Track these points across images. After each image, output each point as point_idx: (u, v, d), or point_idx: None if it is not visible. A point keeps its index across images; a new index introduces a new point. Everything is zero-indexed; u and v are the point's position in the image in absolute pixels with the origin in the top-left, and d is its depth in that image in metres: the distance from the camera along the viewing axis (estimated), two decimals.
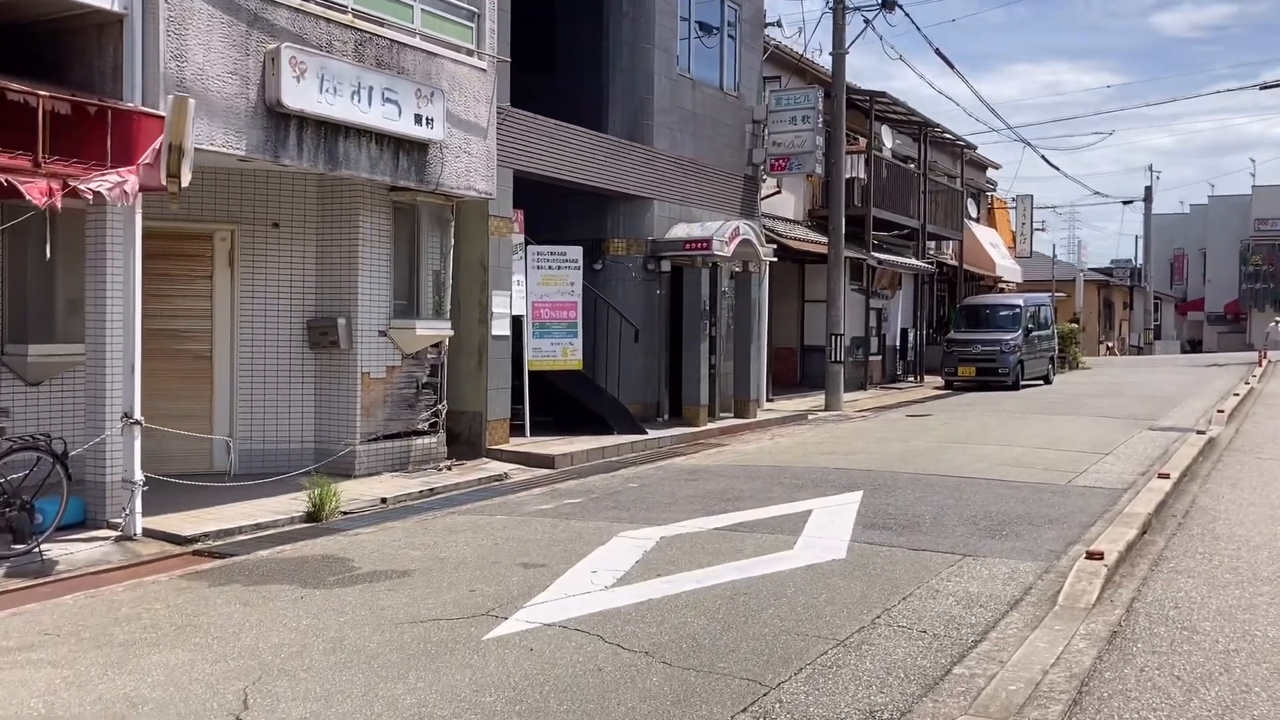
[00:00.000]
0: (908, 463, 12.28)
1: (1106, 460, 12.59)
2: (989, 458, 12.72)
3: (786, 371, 25.03)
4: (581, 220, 15.66)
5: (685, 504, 9.70)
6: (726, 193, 17.81)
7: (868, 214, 24.45)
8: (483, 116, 11.50)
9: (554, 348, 13.67)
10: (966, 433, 15.56)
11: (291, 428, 10.91)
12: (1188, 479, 11.24)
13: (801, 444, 14.60)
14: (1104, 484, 10.83)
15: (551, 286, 13.68)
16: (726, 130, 17.78)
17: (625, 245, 15.62)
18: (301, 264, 10.95)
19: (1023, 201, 39.37)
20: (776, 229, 21.43)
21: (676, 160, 16.31)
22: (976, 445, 14.01)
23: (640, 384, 15.77)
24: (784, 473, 11.63)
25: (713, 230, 15.77)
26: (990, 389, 24.53)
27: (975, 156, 36.86)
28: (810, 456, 13.02)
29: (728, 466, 12.28)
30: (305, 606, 6.32)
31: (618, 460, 12.92)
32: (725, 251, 15.61)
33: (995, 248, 36.47)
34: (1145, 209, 51.98)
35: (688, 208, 16.59)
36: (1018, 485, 10.72)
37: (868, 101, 24.80)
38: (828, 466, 12.02)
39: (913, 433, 15.70)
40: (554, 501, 9.99)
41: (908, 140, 28.87)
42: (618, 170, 15.08)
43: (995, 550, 7.80)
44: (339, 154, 9.75)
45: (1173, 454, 12.97)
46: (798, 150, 18.35)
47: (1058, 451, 13.40)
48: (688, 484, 10.95)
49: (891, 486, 10.60)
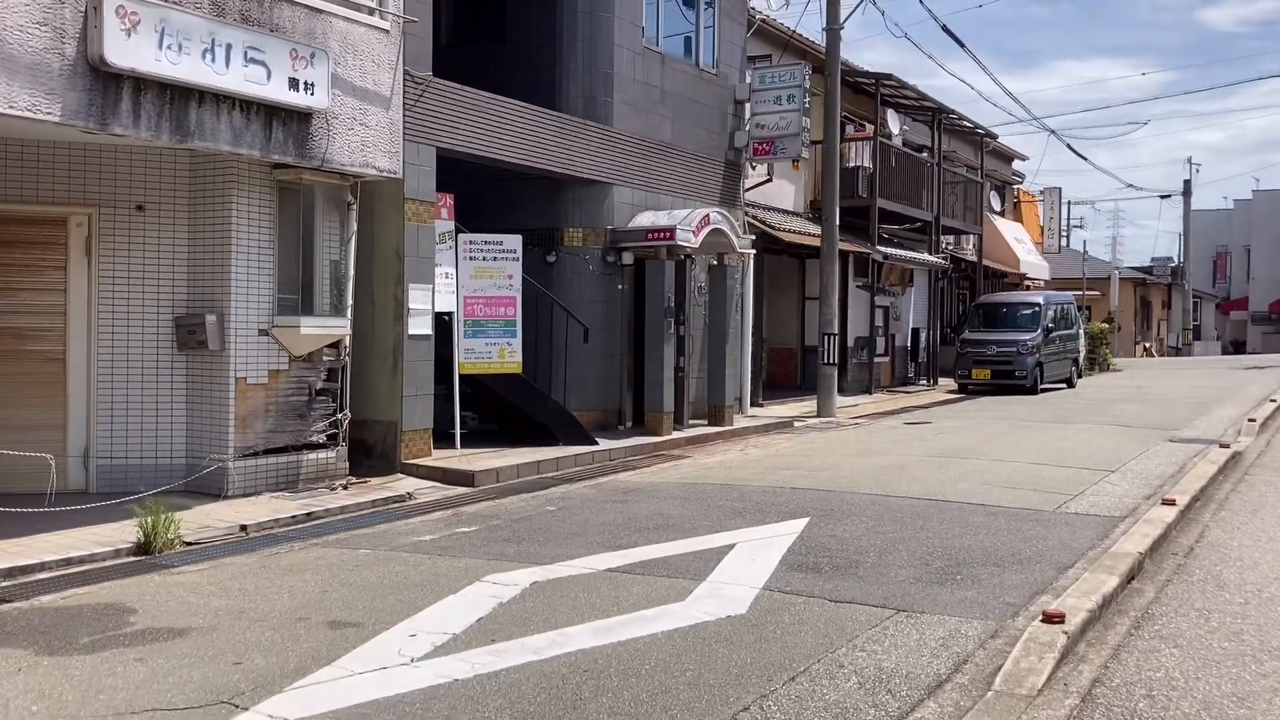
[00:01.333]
0: (879, 481, 10.72)
1: (1110, 479, 10.95)
2: (975, 475, 11.12)
3: (785, 374, 23.45)
4: (534, 207, 14.21)
5: (594, 535, 8.21)
6: (703, 179, 16.28)
7: (873, 204, 22.83)
8: (385, 84, 10.07)
9: (489, 349, 12.22)
10: (961, 445, 13.94)
11: (160, 440, 9.53)
12: (1200, 504, 9.60)
13: (772, 456, 13.06)
14: (1099, 510, 9.22)
15: (486, 280, 12.23)
16: (704, 111, 16.26)
17: (582, 235, 14.14)
18: (171, 253, 9.56)
19: (1051, 194, 37.46)
20: (769, 220, 19.88)
21: (642, 142, 14.81)
22: (966, 460, 12.40)
23: (598, 389, 14.29)
24: (730, 493, 10.11)
25: (679, 218, 14.26)
26: (1006, 393, 22.82)
27: (999, 147, 35.02)
28: (771, 472, 11.48)
29: (673, 485, 10.78)
30: (10, 686, 4.90)
31: (554, 476, 11.45)
32: (692, 241, 14.09)
33: (1020, 243, 34.61)
34: (1184, 204, 49.77)
35: (656, 194, 15.08)
36: (996, 511, 9.13)
37: (873, 84, 23.17)
38: (783, 486, 10.48)
39: (901, 444, 14.09)
40: (443, 531, 8.54)
41: (922, 129, 27.17)
42: (571, 152, 13.60)
43: (938, 603, 6.25)
44: (190, 123, 8.35)
45: (1189, 471, 11.32)
46: (782, 133, 16.77)
47: (1057, 468, 11.77)
48: (614, 507, 9.47)
49: (846, 512, 9.05)
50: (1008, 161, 36.72)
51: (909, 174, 25.02)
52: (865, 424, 17.28)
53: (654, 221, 14.24)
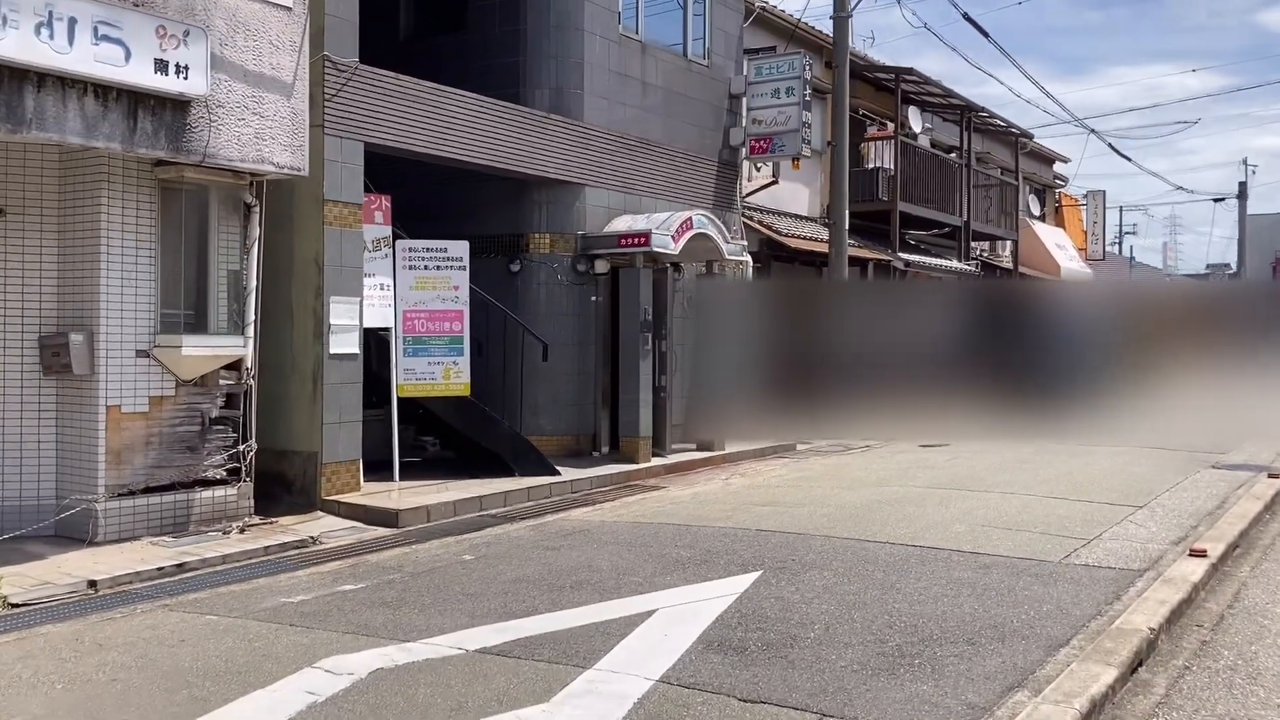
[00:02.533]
0: (861, 521, 9.26)
1: (1135, 518, 9.40)
2: (975, 513, 9.62)
3: None
4: (497, 211, 12.94)
5: (494, 597, 6.86)
6: (694, 180, 14.91)
7: (894, 208, 21.32)
8: (285, 69, 8.82)
9: (433, 368, 10.94)
10: (972, 473, 12.41)
11: (25, 476, 8.34)
12: (1239, 553, 8.06)
13: (755, 488, 11.64)
14: (1114, 560, 7.71)
15: (429, 291, 10.96)
16: (694, 106, 14.89)
17: (550, 241, 12.82)
18: (38, 262, 8.38)
19: (1094, 198, 35.56)
20: (777, 226, 18.48)
21: (619, 139, 13.47)
22: (973, 493, 10.89)
23: (570, 411, 12.96)
24: (684, 536, 8.72)
25: (657, 222, 12.90)
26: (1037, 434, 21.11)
27: (1037, 148, 33.26)
28: (744, 509, 10.06)
29: (625, 525, 9.41)
30: None
31: (496, 515, 10.12)
32: (671, 248, 12.72)
33: (1062, 249, 32.78)
34: (1239, 207, 47.48)
35: (636, 197, 13.74)
36: (989, 563, 7.66)
37: (893, 80, 21.67)
38: (749, 527, 9.05)
39: (905, 472, 12.59)
40: (322, 589, 7.23)
41: (952, 129, 25.58)
42: (536, 149, 12.30)
43: (879, 703, 4.83)
44: (25, 110, 7.15)
45: (1230, 508, 9.74)
46: (780, 129, 15.36)
47: (1075, 502, 10.23)
48: (540, 557, 8.11)
49: (808, 563, 7.62)
50: (1048, 164, 34.92)
51: (936, 176, 23.47)
52: (876, 447, 15.76)
53: (630, 226, 12.90)
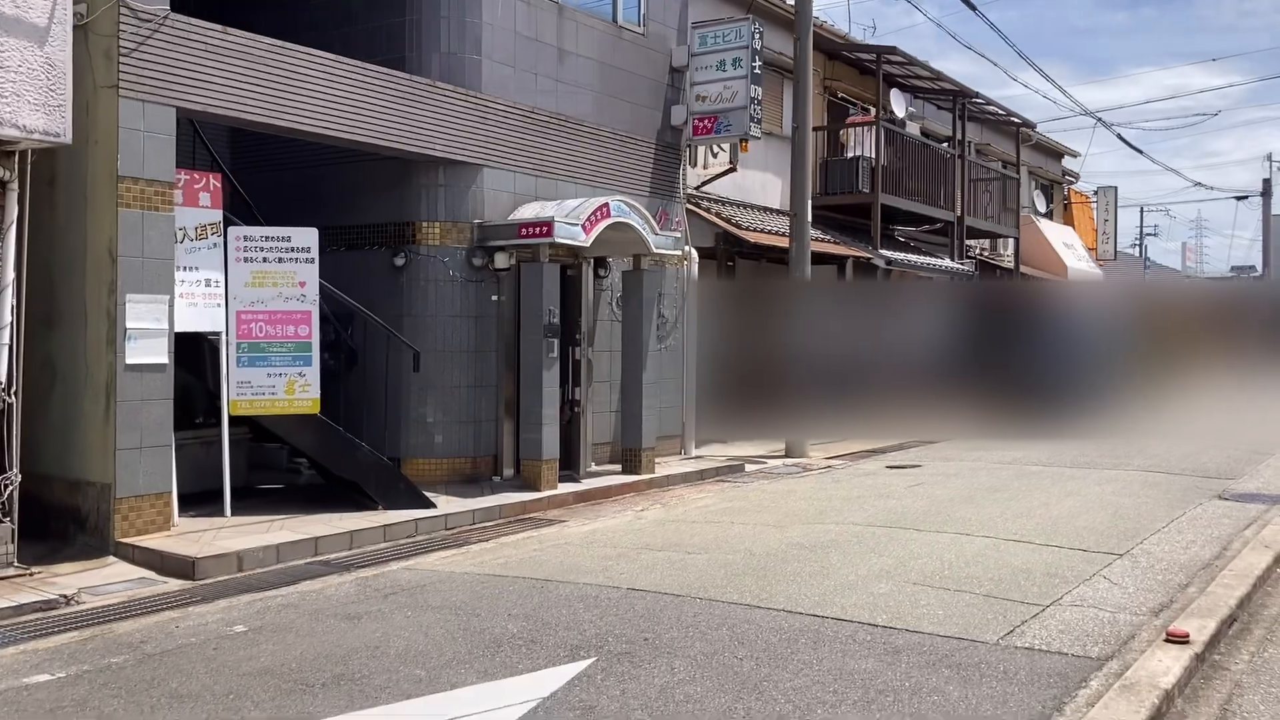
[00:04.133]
0: (763, 577, 7.41)
1: (1112, 571, 7.51)
2: (913, 565, 7.75)
3: None
4: (381, 197, 11.17)
5: (210, 702, 5.08)
6: (627, 165, 13.08)
7: (875, 201, 19.41)
8: (37, 10, 7.06)
9: (273, 381, 9.15)
10: (930, 505, 10.53)
11: None
12: (1237, 631, 6.18)
13: (667, 523, 9.80)
14: (1067, 642, 5.83)
15: (269, 288, 9.17)
16: (627, 80, 13.07)
17: (441, 231, 11.02)
18: None
19: (1105, 194, 33.48)
20: (739, 218, 16.61)
21: (529, 115, 11.66)
22: (920, 532, 9.02)
23: (465, 430, 11.14)
24: (530, 599, 6.89)
25: (568, 209, 11.09)
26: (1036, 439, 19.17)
27: (1046, 141, 31.26)
28: (630, 556, 8.22)
29: (472, 580, 7.59)
30: None
31: (333, 561, 8.32)
32: (580, 238, 10.89)
33: (1070, 249, 30.74)
34: (1264, 205, 45.21)
35: (552, 181, 11.93)
36: (902, 644, 5.80)
37: (874, 60, 19.76)
38: (618, 585, 7.21)
39: (851, 503, 10.71)
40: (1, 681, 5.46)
41: (948, 117, 23.62)
42: (421, 123, 10.51)
43: None
44: None
45: (1231, 558, 7.84)
46: (727, 105, 13.49)
47: (1042, 547, 8.35)
48: (329, 629, 6.32)
49: (659, 646, 5.78)
50: (1056, 158, 32.87)
51: (926, 167, 21.53)
52: (837, 467, 13.91)
53: (536, 214, 11.08)
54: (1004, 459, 14.19)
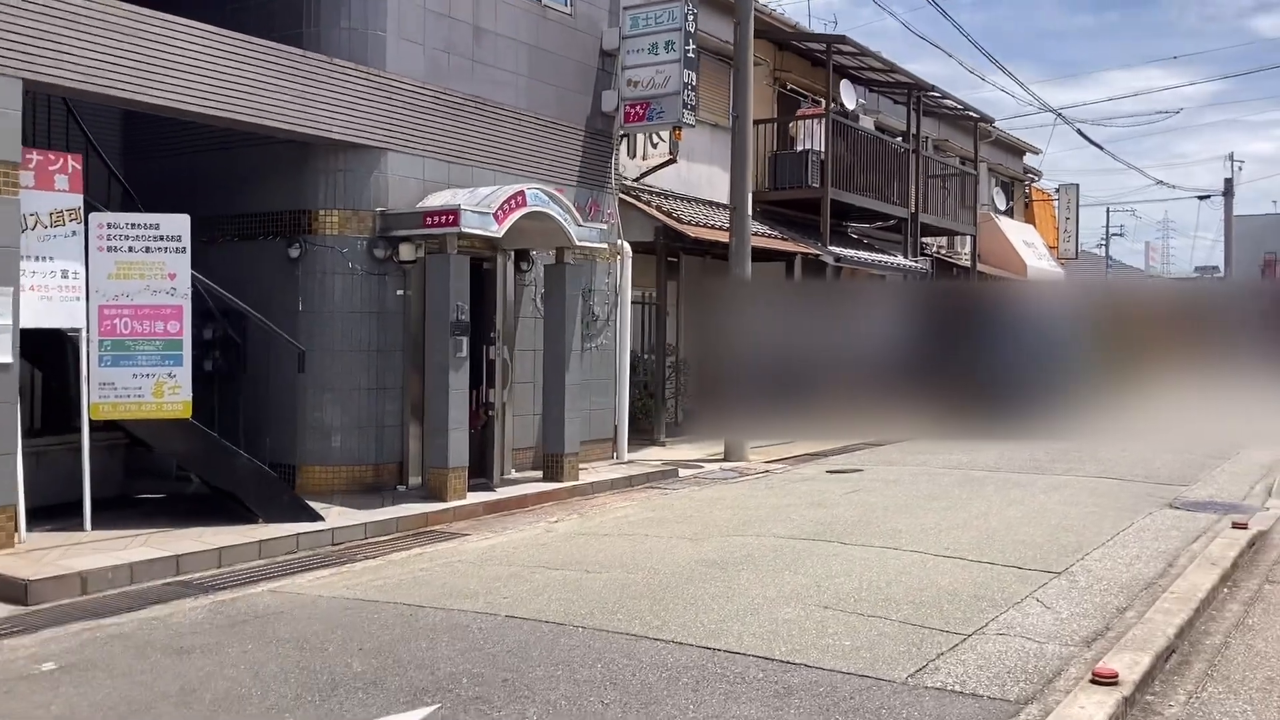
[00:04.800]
0: (660, 600, 6.68)
1: (1047, 592, 6.84)
2: (828, 584, 7.05)
3: None
4: (276, 183, 10.36)
5: None
6: (553, 153, 12.33)
7: (824, 196, 18.74)
8: None
9: (140, 382, 8.33)
10: (866, 512, 9.85)
11: None
12: (1175, 664, 5.50)
13: (578, 536, 9.06)
14: (984, 681, 5.14)
15: (135, 280, 8.36)
16: (553, 63, 12.32)
17: (340, 220, 10.22)
18: None
19: (1067, 192, 33.01)
20: (681, 212, 15.90)
21: (440, 96, 10.89)
22: (845, 546, 8.32)
23: (367, 435, 10.35)
24: (391, 629, 6.14)
25: (480, 196, 10.32)
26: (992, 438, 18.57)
27: (1006, 138, 30.76)
28: (523, 577, 7.46)
29: (335, 605, 6.82)
30: None
31: (195, 581, 7.52)
32: (491, 228, 10.12)
33: (1031, 247, 30.24)
34: (1225, 205, 44.99)
35: (468, 168, 11.16)
36: (796, 683, 5.09)
37: (824, 50, 19.09)
38: (495, 613, 6.45)
39: (778, 511, 10.01)
40: None
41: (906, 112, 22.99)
42: (318, 103, 9.71)
43: None
44: None
45: (1177, 576, 7.19)
46: (659, 91, 12.76)
47: (975, 563, 7.67)
48: (152, 666, 5.54)
49: (516, 688, 5.04)
50: (1017, 155, 32.36)
51: (879, 162, 20.88)
52: (776, 472, 13.20)
53: (444, 202, 10.30)
54: (950, 463, 13.54)
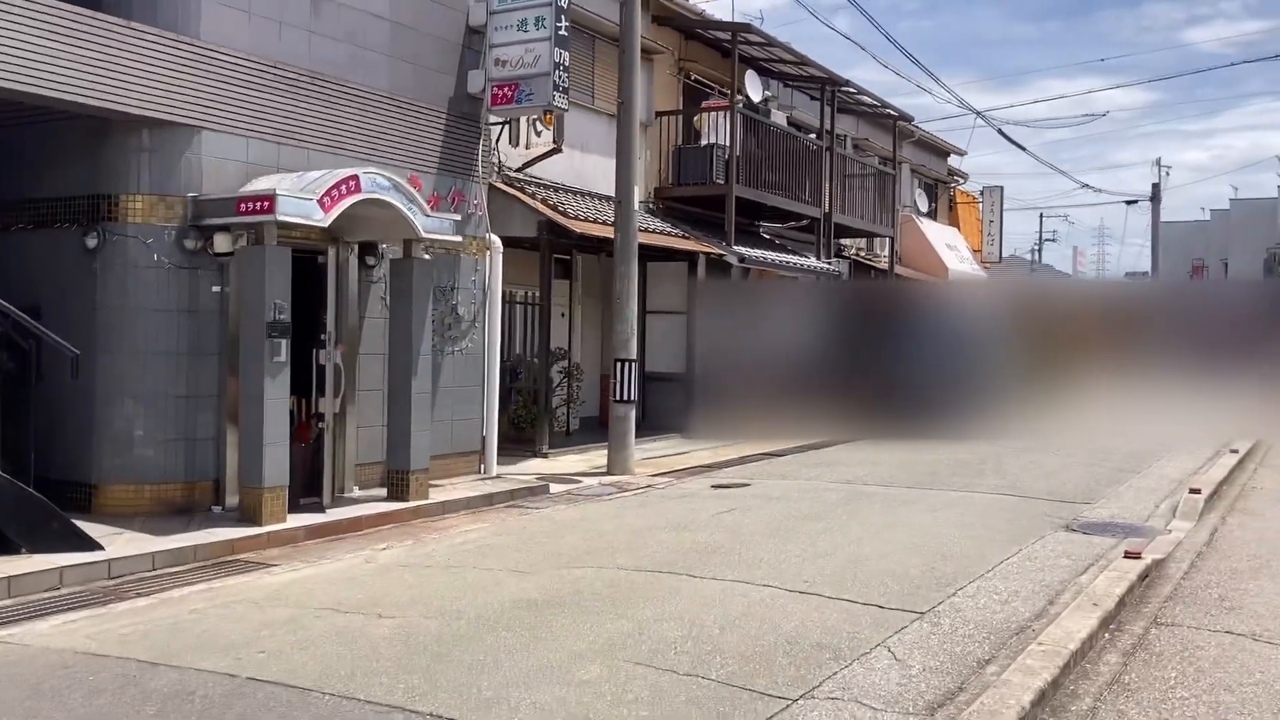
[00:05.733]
0: (447, 656, 5.62)
1: (901, 641, 5.88)
2: (656, 629, 6.03)
3: None
4: (72, 164, 9.16)
5: None
6: (411, 137, 11.23)
7: (729, 193, 17.81)
8: None
9: None
10: (731, 537, 8.86)
11: None
12: None
13: (397, 568, 7.97)
14: None
15: None
16: (409, 38, 11.22)
17: (144, 206, 9.03)
18: None
19: (991, 194, 32.51)
20: (570, 206, 14.85)
21: (270, 70, 9.74)
22: (691, 579, 7.32)
23: (178, 449, 9.17)
24: (89, 702, 5.02)
25: (308, 180, 9.19)
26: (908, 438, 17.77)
27: (930, 139, 30.15)
28: (296, 623, 6.36)
29: (46, 661, 5.69)
30: None
31: None
32: (316, 216, 8.99)
33: (953, 250, 29.66)
34: (1153, 210, 44.94)
35: (305, 151, 10.02)
36: None
37: (730, 40, 18.15)
38: (236, 674, 5.34)
39: (637, 538, 8.98)
40: None
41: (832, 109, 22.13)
42: (108, 72, 8.52)
43: None
44: None
45: (1054, 618, 6.27)
46: (529, 71, 11.71)
47: (830, 600, 6.71)
48: None
49: None
50: (942, 156, 31.78)
51: (790, 159, 20.01)
52: (658, 487, 12.20)
53: (262, 187, 9.15)
54: (844, 477, 12.64)
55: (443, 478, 11.54)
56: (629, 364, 13.41)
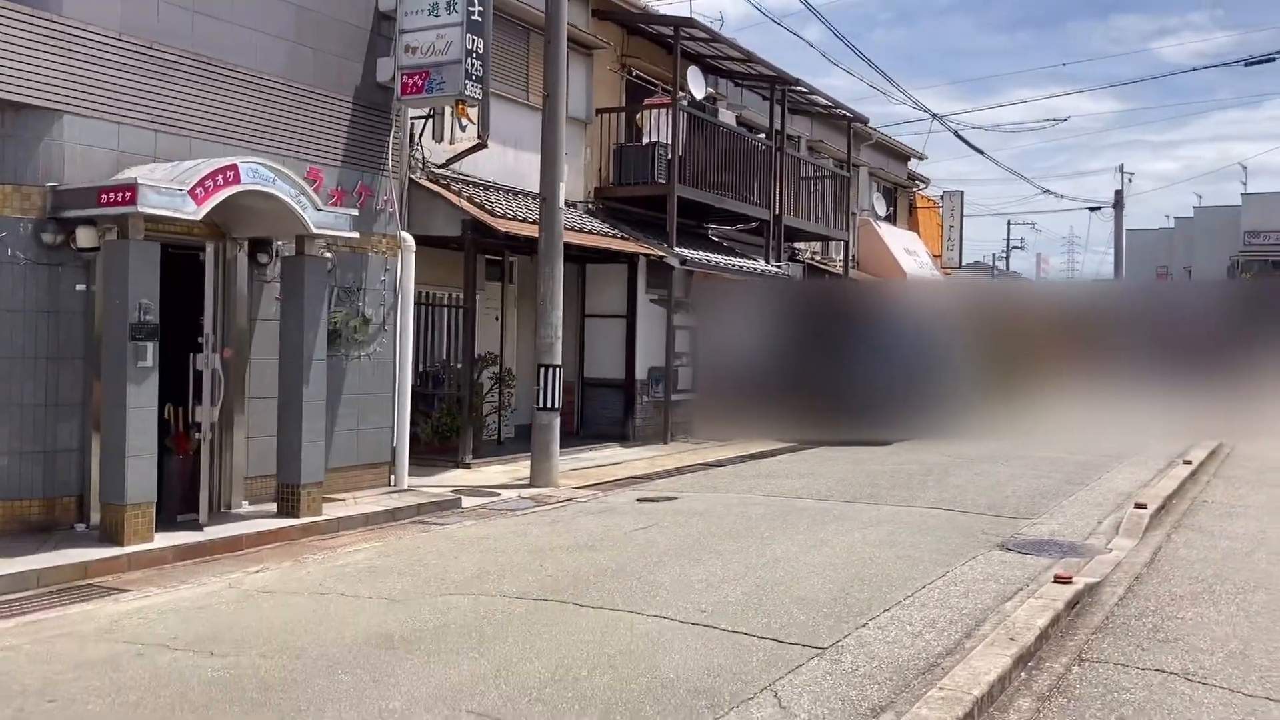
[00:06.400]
0: (262, 704, 4.90)
1: (793, 682, 5.21)
2: (513, 671, 5.33)
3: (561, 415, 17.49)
4: None
5: None
6: (311, 126, 10.49)
7: (671, 193, 17.15)
8: None
9: None
10: (638, 558, 8.17)
11: None
12: None
13: (250, 599, 7.22)
14: None
15: None
16: (311, 21, 10.48)
17: None
18: None
19: (951, 199, 32.02)
20: (496, 204, 14.13)
21: (142, 50, 8.98)
22: (579, 609, 6.62)
23: (33, 462, 8.35)
24: None
25: (180, 171, 8.44)
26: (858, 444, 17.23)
27: (889, 141, 29.64)
28: (112, 665, 5.61)
29: None
30: None
31: None
32: (186, 209, 8.23)
33: (912, 255, 29.15)
34: (1115, 216, 44.65)
35: (187, 140, 9.26)
36: None
37: (672, 35, 17.49)
38: None
39: (536, 559, 8.27)
40: None
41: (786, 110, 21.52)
42: None
43: None
44: None
45: (966, 654, 5.61)
46: (439, 59, 11.00)
47: (725, 634, 6.03)
48: None
49: None
50: (902, 160, 31.28)
51: (738, 159, 19.38)
52: (580, 500, 11.49)
53: (125, 177, 8.38)
54: (779, 490, 11.98)
55: (346, 491, 10.80)
56: (553, 370, 12.68)
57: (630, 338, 17.29)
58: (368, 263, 11.21)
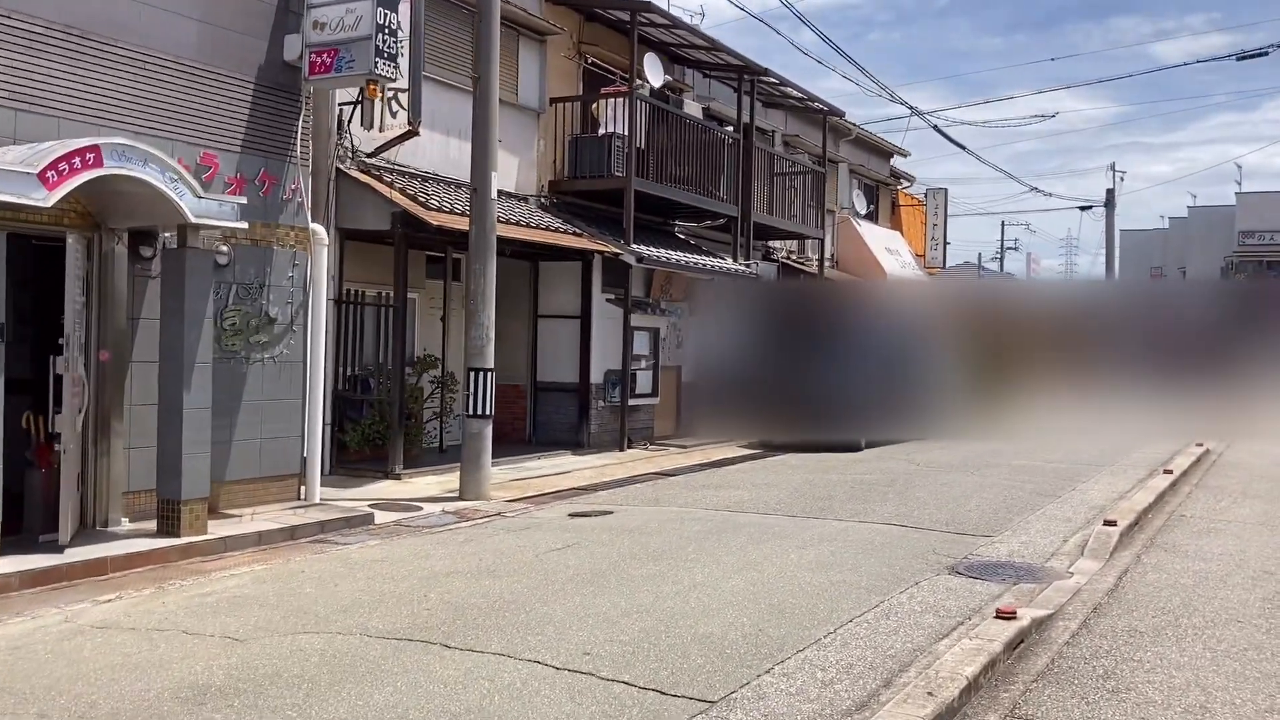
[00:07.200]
0: None
1: None
2: None
3: (512, 421, 16.64)
4: None
5: None
6: (205, 109, 9.61)
7: (627, 187, 16.26)
8: None
9: None
10: (541, 585, 7.28)
11: None
12: None
13: (82, 634, 6.32)
14: None
15: None
16: None
17: None
18: None
19: (935, 197, 31.12)
20: (430, 196, 13.24)
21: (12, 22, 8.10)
22: (447, 651, 5.73)
23: None
24: None
25: (34, 153, 7.54)
26: (828, 449, 16.38)
27: (870, 138, 28.76)
28: None
29: None
30: None
31: None
32: (34, 195, 7.34)
33: (894, 254, 28.27)
34: (1107, 216, 43.76)
35: (54, 120, 8.38)
36: None
37: (629, 20, 16.61)
38: None
39: (424, 586, 7.38)
40: None
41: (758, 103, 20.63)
42: None
43: None
44: None
45: (887, 704, 4.73)
46: (348, 35, 10.12)
47: (604, 683, 5.15)
48: None
49: None
50: (884, 157, 30.39)
51: (703, 153, 18.50)
52: (508, 516, 10.60)
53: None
54: (724, 503, 11.09)
55: (246, 506, 9.91)
56: (484, 374, 11.80)
57: (585, 340, 16.41)
58: (272, 257, 10.32)
